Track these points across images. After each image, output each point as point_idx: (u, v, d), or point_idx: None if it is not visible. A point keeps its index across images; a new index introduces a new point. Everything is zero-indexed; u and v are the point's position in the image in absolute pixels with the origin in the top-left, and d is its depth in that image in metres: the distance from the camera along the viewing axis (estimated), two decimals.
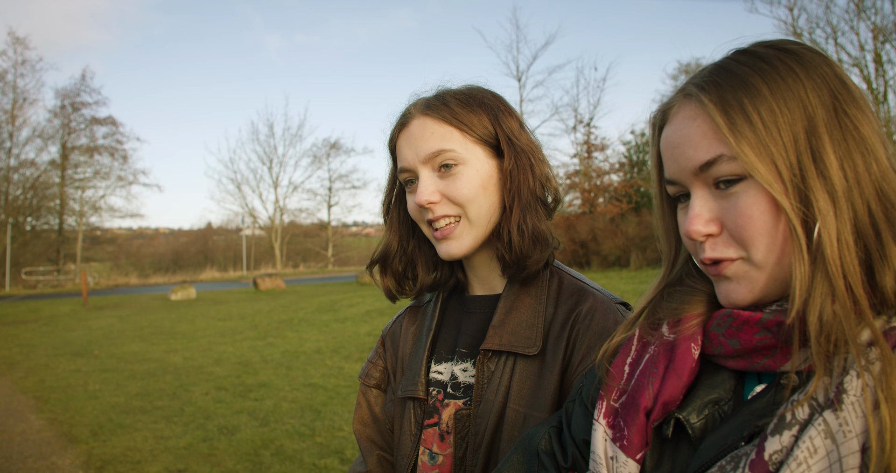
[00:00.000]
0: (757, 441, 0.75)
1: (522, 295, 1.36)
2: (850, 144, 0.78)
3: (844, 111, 0.79)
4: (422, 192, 1.30)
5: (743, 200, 0.81)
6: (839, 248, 0.75)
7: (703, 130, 0.83)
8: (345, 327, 13.75)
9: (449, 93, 1.38)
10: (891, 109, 25.35)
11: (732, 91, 0.82)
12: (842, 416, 0.70)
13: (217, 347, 12.06)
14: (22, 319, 19.10)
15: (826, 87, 0.80)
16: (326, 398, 7.62)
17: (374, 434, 1.52)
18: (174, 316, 17.86)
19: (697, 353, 0.88)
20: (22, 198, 40.37)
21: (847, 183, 0.77)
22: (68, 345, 13.16)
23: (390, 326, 1.61)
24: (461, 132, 1.32)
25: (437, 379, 1.41)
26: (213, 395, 8.07)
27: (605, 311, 1.29)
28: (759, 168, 0.79)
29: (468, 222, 1.33)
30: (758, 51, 0.85)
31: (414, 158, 1.32)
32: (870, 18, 25.08)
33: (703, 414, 0.84)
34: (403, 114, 1.39)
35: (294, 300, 20.59)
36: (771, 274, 0.81)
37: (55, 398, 8.34)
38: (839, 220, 0.76)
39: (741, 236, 0.82)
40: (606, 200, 27.76)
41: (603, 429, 0.93)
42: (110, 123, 42.45)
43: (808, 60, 0.82)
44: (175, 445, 6.07)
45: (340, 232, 52.85)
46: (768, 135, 0.79)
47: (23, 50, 44.44)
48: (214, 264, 48.80)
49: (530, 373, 1.29)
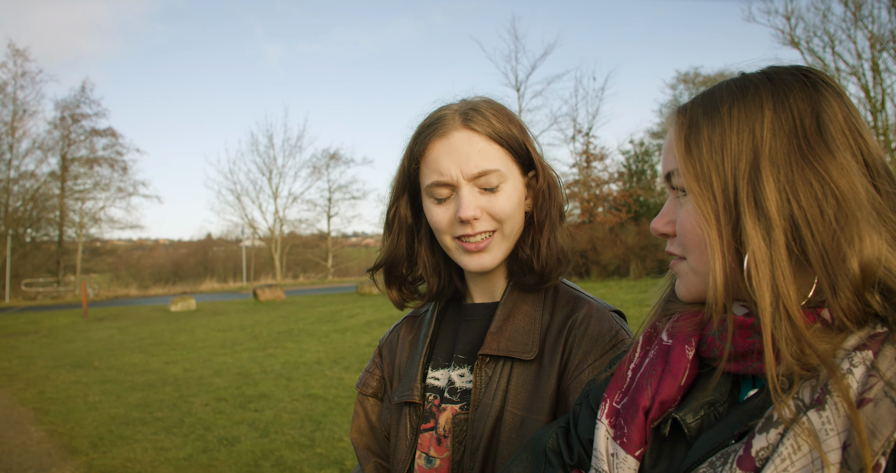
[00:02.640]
0: (746, 439, 0.78)
1: (520, 303, 1.40)
2: (800, 180, 0.80)
3: (806, 147, 0.81)
4: (467, 207, 1.31)
5: (685, 211, 0.91)
6: (771, 273, 0.78)
7: (671, 145, 0.93)
8: (345, 337, 13.74)
9: (482, 106, 1.38)
10: (889, 117, 25.44)
11: (702, 113, 0.89)
12: (825, 415, 0.73)
13: (217, 358, 12.04)
14: (22, 330, 19.08)
15: (791, 122, 0.83)
16: (326, 408, 7.61)
17: (372, 443, 1.54)
18: (174, 327, 17.85)
19: (692, 354, 0.92)
20: (22, 209, 40.43)
21: (791, 215, 0.79)
22: (68, 356, 13.14)
23: (387, 336, 1.63)
24: (503, 149, 1.35)
25: (433, 385, 1.44)
26: (213, 406, 8.07)
27: (600, 318, 1.33)
28: (693, 188, 0.86)
29: (502, 237, 1.37)
30: (750, 77, 0.89)
31: (457, 173, 1.33)
32: (867, 27, 25.25)
33: (699, 415, 0.88)
34: (438, 123, 1.36)
35: (294, 310, 20.59)
36: (706, 281, 0.88)
37: (55, 409, 8.33)
38: (773, 248, 0.79)
39: (682, 242, 0.92)
40: (606, 209, 27.82)
41: (605, 428, 0.97)
42: (110, 134, 42.62)
43: (784, 94, 0.85)
44: (175, 456, 6.06)
45: (340, 243, 52.83)
46: (711, 160, 0.85)
47: (23, 62, 44.44)
48: (214, 275, 48.77)
49: (527, 377, 1.32)
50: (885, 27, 25.14)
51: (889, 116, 25.60)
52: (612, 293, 15.80)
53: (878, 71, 25.30)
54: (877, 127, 25.41)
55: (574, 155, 31.19)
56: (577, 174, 30.00)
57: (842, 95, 0.86)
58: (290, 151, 56.75)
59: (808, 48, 26.25)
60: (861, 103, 25.81)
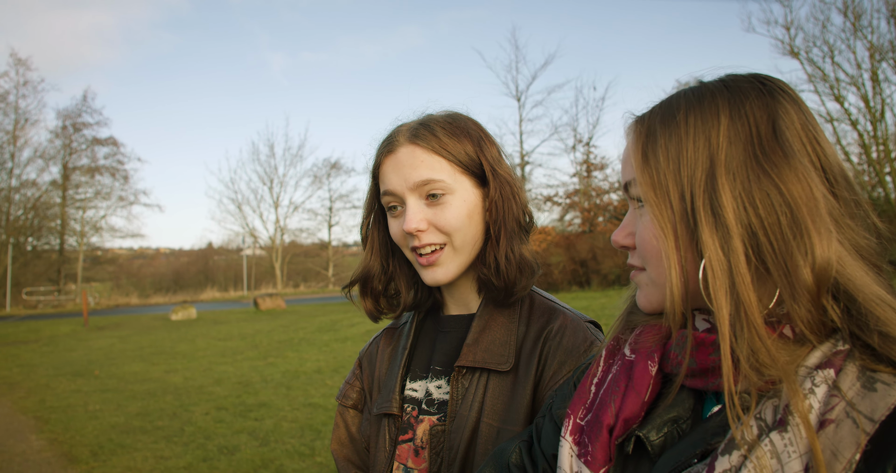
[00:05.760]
0: (708, 460, 0.77)
1: (496, 315, 1.41)
2: (756, 187, 0.79)
3: (762, 154, 0.80)
4: (410, 220, 1.34)
5: (643, 222, 0.89)
6: (731, 281, 0.77)
7: (629, 154, 0.92)
8: (345, 346, 13.73)
9: (435, 121, 1.40)
10: (889, 127, 25.47)
11: (659, 122, 0.88)
12: (787, 436, 0.72)
13: (217, 367, 12.04)
14: (22, 339, 19.07)
15: (746, 130, 0.82)
16: (326, 417, 7.61)
17: (352, 454, 1.56)
18: (175, 336, 17.84)
19: (654, 370, 0.91)
20: (23, 218, 40.46)
21: (748, 223, 0.78)
22: (69, 365, 13.14)
23: (367, 347, 1.66)
24: (449, 162, 1.36)
25: (411, 396, 1.45)
26: (214, 415, 8.06)
27: (575, 329, 1.35)
28: (650, 197, 0.85)
29: (453, 250, 1.38)
30: (707, 85, 0.89)
31: (402, 185, 1.35)
32: (866, 37, 25.32)
33: (662, 432, 0.87)
34: (389, 140, 1.41)
35: (294, 319, 20.58)
36: (665, 291, 0.86)
37: (55, 418, 8.33)
38: (731, 256, 0.78)
39: (641, 253, 0.91)
40: (606, 219, 27.85)
41: (569, 446, 0.96)
42: (111, 143, 42.69)
43: (740, 101, 0.84)
44: (175, 465, 6.06)
45: (341, 252, 52.78)
46: (668, 169, 0.84)
47: (25, 71, 44.70)
48: (215, 284, 48.73)
49: (503, 389, 1.33)
50: (885, 37, 25.23)
51: (889, 125, 25.64)
52: (612, 303, 15.69)
53: (878, 81, 25.35)
54: (876, 137, 25.44)
55: (575, 165, 31.28)
56: (577, 184, 30.07)
57: (799, 102, 0.85)
58: (291, 160, 56.87)
59: (807, 58, 26.32)
60: (861, 113, 25.88)
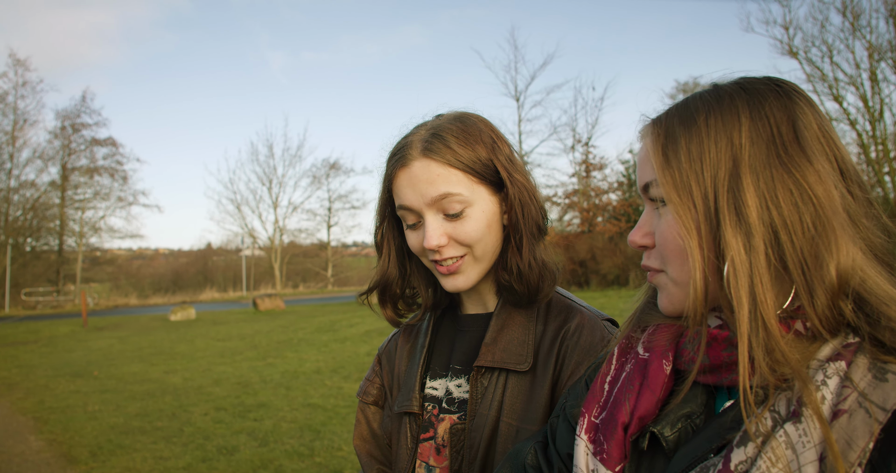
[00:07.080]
0: (724, 453, 0.79)
1: (514, 314, 1.42)
2: (780, 186, 0.81)
3: (784, 154, 0.82)
4: (430, 237, 1.32)
5: (664, 221, 0.90)
6: (750, 281, 0.79)
7: (648, 156, 0.93)
8: (344, 347, 13.73)
9: (447, 130, 1.36)
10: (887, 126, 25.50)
11: (679, 124, 0.89)
12: (801, 427, 0.74)
13: (216, 367, 12.04)
14: (21, 340, 19.05)
15: (768, 130, 0.84)
16: (326, 418, 7.61)
17: (374, 450, 1.57)
18: (174, 337, 17.83)
19: (669, 368, 0.92)
20: (22, 219, 40.42)
21: (770, 222, 0.80)
22: (68, 366, 13.13)
23: (386, 344, 1.66)
24: (465, 174, 1.34)
25: (431, 395, 1.46)
26: (213, 415, 8.06)
27: (593, 327, 1.35)
28: (672, 198, 0.86)
29: (473, 259, 1.38)
30: (723, 87, 0.90)
31: (419, 200, 1.33)
32: (865, 37, 25.35)
33: (676, 428, 0.88)
34: (402, 152, 1.37)
35: (293, 320, 20.57)
36: (687, 291, 0.87)
37: (54, 418, 8.33)
38: (752, 256, 0.79)
39: (661, 253, 0.91)
40: (605, 219, 27.87)
41: (584, 444, 0.97)
42: (110, 144, 42.62)
43: (759, 102, 0.86)
44: (174, 466, 6.06)
45: (340, 252, 52.77)
46: (691, 169, 0.85)
47: (23, 72, 44.59)
48: (214, 285, 48.70)
49: (522, 388, 1.34)
50: (883, 37, 25.27)
51: (887, 125, 25.66)
52: (611, 303, 15.80)
53: (877, 81, 25.38)
54: (875, 137, 25.47)
55: (573, 165, 31.30)
56: (576, 184, 30.10)
57: (813, 104, 0.87)
58: (289, 160, 56.82)
59: (806, 58, 26.36)
60: (859, 113, 25.91)
